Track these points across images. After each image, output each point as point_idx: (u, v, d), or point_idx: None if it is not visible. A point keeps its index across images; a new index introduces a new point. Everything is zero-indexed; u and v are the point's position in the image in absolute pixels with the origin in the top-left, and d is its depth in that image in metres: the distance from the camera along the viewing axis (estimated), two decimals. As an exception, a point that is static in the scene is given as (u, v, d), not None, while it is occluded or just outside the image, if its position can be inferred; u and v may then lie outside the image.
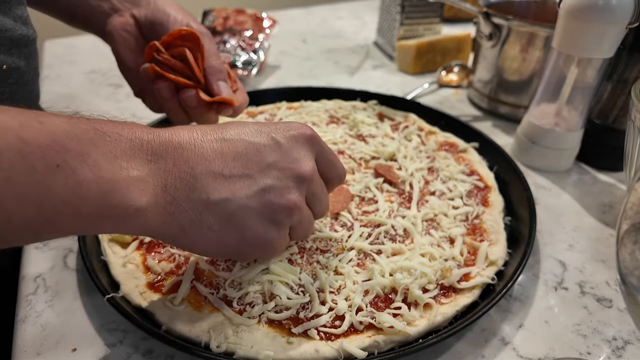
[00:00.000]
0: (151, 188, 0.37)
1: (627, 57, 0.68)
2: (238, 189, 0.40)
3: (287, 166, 0.43)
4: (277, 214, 0.42)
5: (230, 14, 1.13)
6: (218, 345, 0.44)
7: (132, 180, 0.36)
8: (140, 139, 0.38)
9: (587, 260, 0.60)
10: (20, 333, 0.48)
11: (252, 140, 0.42)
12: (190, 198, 0.39)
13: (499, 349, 0.48)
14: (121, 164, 0.36)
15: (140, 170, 0.37)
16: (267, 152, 0.42)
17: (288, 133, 0.44)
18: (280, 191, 0.42)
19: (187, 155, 0.39)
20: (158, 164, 0.38)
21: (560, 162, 0.76)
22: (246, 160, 0.41)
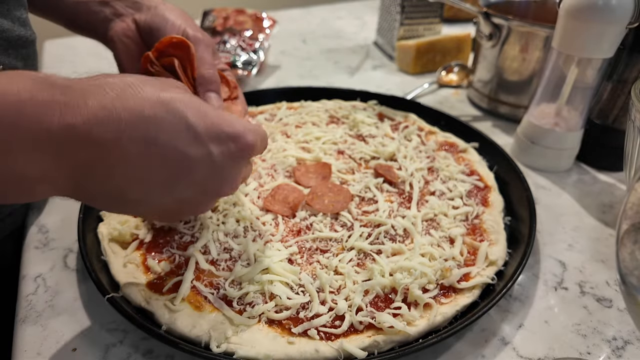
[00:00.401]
0: (55, 182, 0.34)
1: (627, 57, 0.68)
2: (155, 195, 0.39)
3: (212, 186, 0.42)
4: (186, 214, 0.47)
5: (230, 14, 1.13)
6: (218, 345, 0.44)
7: (27, 178, 0.32)
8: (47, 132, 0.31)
9: (587, 260, 0.60)
10: (20, 333, 0.48)
11: (186, 152, 0.38)
12: (102, 191, 0.37)
13: (499, 348, 0.48)
14: (16, 159, 0.31)
15: (42, 165, 0.32)
16: (197, 168, 0.39)
17: (229, 148, 0.40)
18: (194, 206, 0.43)
19: (105, 154, 0.34)
20: (67, 159, 0.33)
21: (560, 162, 0.77)
22: (171, 172, 0.38)
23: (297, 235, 0.57)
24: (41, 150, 0.32)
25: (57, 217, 0.63)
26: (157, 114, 0.36)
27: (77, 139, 0.33)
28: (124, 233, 0.55)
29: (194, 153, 0.38)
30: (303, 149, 0.74)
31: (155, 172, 0.37)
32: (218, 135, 0.39)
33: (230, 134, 0.40)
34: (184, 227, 0.57)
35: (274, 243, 0.55)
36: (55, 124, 0.32)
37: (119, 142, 0.34)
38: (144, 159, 0.36)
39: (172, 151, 0.37)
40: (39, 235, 0.60)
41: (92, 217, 0.58)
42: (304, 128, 0.79)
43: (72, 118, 0.32)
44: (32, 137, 0.31)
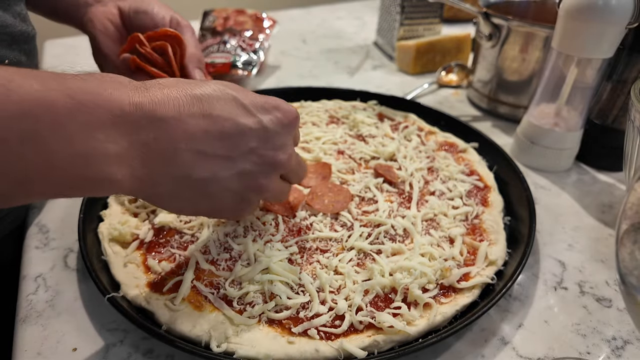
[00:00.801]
0: (129, 162, 0.36)
1: (627, 57, 0.69)
2: (219, 169, 0.41)
3: (267, 153, 0.44)
4: (250, 194, 0.45)
5: (231, 14, 1.13)
6: (218, 345, 0.44)
7: (109, 155, 0.35)
8: (121, 110, 0.35)
9: (586, 260, 0.60)
10: (20, 333, 0.48)
11: (240, 121, 0.41)
12: (169, 173, 0.39)
13: (498, 348, 0.48)
14: (97, 137, 0.34)
15: (119, 144, 0.35)
16: (251, 137, 0.42)
17: (277, 116, 0.44)
18: (256, 176, 0.44)
19: (170, 130, 0.38)
20: (138, 136, 0.36)
21: (559, 162, 0.77)
22: (230, 142, 0.41)
23: (297, 235, 0.57)
24: (117, 127, 0.35)
25: (57, 217, 0.63)
26: (209, 93, 0.40)
27: (145, 116, 0.36)
28: (124, 233, 0.55)
29: (246, 121, 0.42)
30: (303, 149, 0.74)
31: (216, 145, 0.40)
32: (263, 106, 0.43)
33: (274, 105, 0.44)
34: (184, 226, 0.57)
35: (274, 243, 0.55)
36: (127, 103, 0.36)
37: (179, 117, 0.38)
38: (204, 132, 0.39)
39: (228, 122, 0.41)
40: (40, 235, 0.60)
41: (93, 216, 0.58)
42: (304, 128, 0.79)
43: (139, 98, 0.36)
44: (111, 115, 0.35)
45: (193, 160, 0.39)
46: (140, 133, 0.36)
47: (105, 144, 0.34)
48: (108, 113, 0.34)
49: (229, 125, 0.41)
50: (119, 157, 0.36)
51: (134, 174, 0.37)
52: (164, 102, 0.38)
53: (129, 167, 0.36)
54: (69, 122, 0.32)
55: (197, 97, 0.39)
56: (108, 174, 0.35)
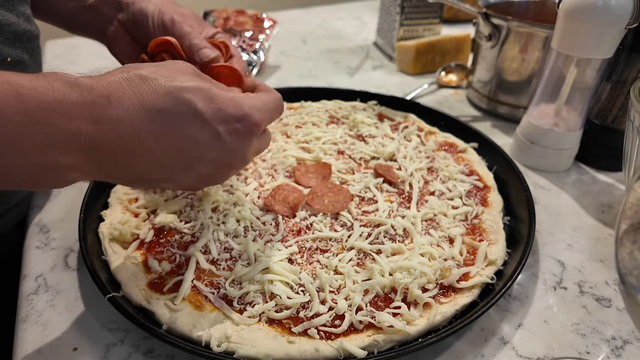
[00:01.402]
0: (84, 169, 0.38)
1: (626, 57, 0.69)
2: (176, 175, 0.44)
3: (224, 161, 0.46)
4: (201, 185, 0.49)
5: (231, 14, 1.13)
6: (218, 345, 0.44)
7: (62, 166, 0.36)
8: (78, 131, 0.36)
9: (586, 260, 0.60)
10: (21, 332, 0.48)
11: (197, 136, 0.42)
12: (125, 175, 0.42)
13: (498, 348, 0.49)
14: (51, 153, 0.35)
15: (74, 157, 0.37)
16: (207, 149, 0.43)
17: (235, 127, 0.44)
18: (212, 178, 0.48)
19: (127, 148, 0.39)
20: (94, 153, 0.37)
21: (559, 162, 0.77)
22: (187, 155, 0.43)
23: (297, 235, 0.57)
24: (74, 144, 0.36)
25: (58, 216, 0.64)
26: (169, 107, 0.40)
27: (104, 134, 0.37)
28: (124, 233, 0.55)
29: (203, 136, 0.42)
30: (303, 149, 0.74)
31: (172, 157, 0.42)
32: (225, 118, 0.43)
33: (236, 116, 0.44)
34: (185, 226, 0.57)
35: (274, 243, 0.55)
36: (85, 121, 0.36)
37: (138, 135, 0.39)
38: (161, 148, 0.41)
39: (185, 138, 0.42)
40: (40, 235, 0.60)
41: (93, 216, 0.58)
42: (304, 128, 0.79)
43: (99, 116, 0.37)
44: (67, 134, 0.35)
45: (149, 168, 0.42)
46: (97, 149, 0.37)
47: (59, 158, 0.36)
48: (63, 132, 0.35)
49: (186, 141, 0.42)
50: (73, 167, 0.37)
51: (89, 176, 0.40)
52: (124, 121, 0.38)
53: (84, 172, 0.39)
54: (22, 139, 0.33)
55: (157, 113, 0.40)
56: (62, 177, 0.38)
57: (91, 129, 0.36)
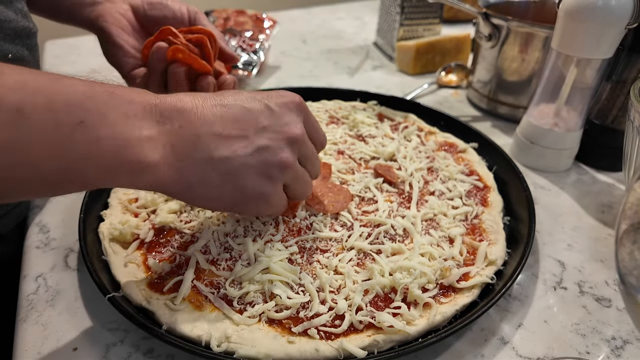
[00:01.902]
0: (161, 146, 0.41)
1: (626, 57, 0.69)
2: (237, 148, 0.45)
3: (279, 129, 0.47)
4: (272, 170, 0.47)
5: (231, 14, 1.13)
6: (218, 345, 0.44)
7: (144, 138, 0.40)
8: (150, 103, 0.41)
9: (586, 260, 0.60)
10: (21, 333, 0.48)
11: (248, 106, 0.46)
12: (194, 157, 0.43)
13: (498, 348, 0.49)
14: (134, 124, 0.39)
15: (151, 130, 0.40)
16: (261, 116, 0.47)
17: (280, 100, 0.48)
18: (274, 151, 0.47)
19: (190, 118, 0.43)
20: (166, 125, 0.42)
21: (559, 162, 0.77)
22: (243, 123, 0.45)
23: (297, 235, 0.57)
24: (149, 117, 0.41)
25: (58, 216, 0.64)
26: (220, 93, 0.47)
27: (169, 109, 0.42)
28: (124, 233, 0.55)
29: (254, 106, 0.47)
30: (303, 149, 0.74)
31: (230, 126, 0.45)
32: (267, 94, 0.49)
33: (277, 93, 0.50)
34: (185, 226, 0.57)
35: (274, 243, 0.55)
36: (153, 100, 0.42)
37: (197, 108, 0.44)
38: (219, 118, 0.44)
39: (239, 108, 0.46)
40: (40, 235, 0.61)
41: (93, 216, 0.58)
42: (304, 128, 0.79)
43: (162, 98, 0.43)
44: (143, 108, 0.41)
45: (213, 142, 0.44)
46: (167, 122, 0.42)
47: (140, 130, 0.40)
48: (141, 106, 0.40)
49: (239, 110, 0.46)
50: (151, 140, 0.40)
51: (165, 160, 0.41)
52: (183, 100, 0.44)
53: (161, 151, 0.41)
54: (111, 112, 0.38)
55: (211, 95, 0.46)
56: (144, 156, 0.40)
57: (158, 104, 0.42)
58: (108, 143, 0.37)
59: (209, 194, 0.45)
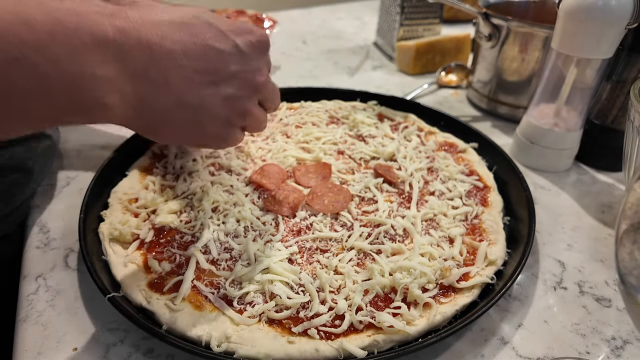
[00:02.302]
0: (119, 87, 0.37)
1: (626, 57, 0.69)
2: (205, 95, 0.44)
3: (247, 76, 0.47)
4: (235, 118, 0.48)
5: (231, 14, 1.13)
6: (218, 345, 0.44)
7: (97, 78, 0.35)
8: (104, 33, 0.35)
9: (586, 260, 0.60)
10: (21, 332, 0.48)
11: (218, 46, 0.44)
12: (159, 101, 0.41)
13: (498, 348, 0.49)
14: (84, 59, 0.34)
15: (106, 69, 0.36)
16: (231, 60, 0.45)
17: (249, 39, 0.47)
18: (241, 100, 0.47)
19: (157, 58, 0.39)
20: (126, 65, 0.37)
21: (559, 162, 0.77)
22: (213, 67, 0.44)
23: (297, 235, 0.57)
24: (103, 50, 0.35)
25: (58, 217, 0.64)
26: (192, 22, 0.42)
27: (129, 41, 0.37)
28: (124, 233, 0.55)
29: (224, 46, 0.44)
30: (303, 149, 0.74)
31: (200, 71, 0.42)
32: (237, 29, 0.46)
33: (246, 29, 0.47)
34: (185, 226, 0.57)
35: (274, 243, 0.55)
36: (109, 28, 0.36)
37: (164, 43, 0.39)
38: (190, 60, 0.41)
39: (208, 48, 0.43)
40: (40, 235, 0.60)
41: (93, 216, 0.58)
42: (304, 128, 0.79)
43: (121, 23, 0.37)
44: (93, 39, 0.35)
45: (183, 87, 0.41)
46: (127, 60, 0.37)
47: (92, 67, 0.35)
48: (90, 35, 0.34)
49: (210, 51, 0.43)
50: (109, 82, 0.36)
51: (126, 101, 0.38)
52: (146, 26, 0.38)
53: (119, 93, 0.37)
54: (51, 43, 0.32)
55: (179, 24, 0.41)
56: (100, 98, 0.36)
57: (117, 34, 0.36)
58: (53, 82, 0.33)
59: (169, 133, 0.45)
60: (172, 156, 0.69)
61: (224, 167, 0.68)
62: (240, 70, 0.46)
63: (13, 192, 0.62)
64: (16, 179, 0.61)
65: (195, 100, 0.43)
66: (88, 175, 0.71)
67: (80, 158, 0.75)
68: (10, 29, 0.30)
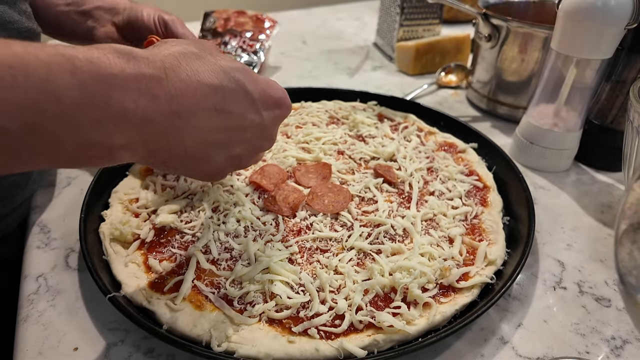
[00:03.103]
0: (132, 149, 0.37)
1: (626, 57, 0.69)
2: (214, 153, 0.44)
3: (258, 144, 0.48)
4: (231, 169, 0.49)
5: (231, 15, 1.13)
6: (219, 344, 0.44)
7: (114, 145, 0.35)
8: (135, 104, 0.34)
9: (585, 260, 0.60)
10: (22, 332, 0.48)
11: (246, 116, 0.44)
12: (169, 151, 0.41)
13: (498, 348, 0.49)
14: (106, 129, 0.33)
15: (126, 135, 0.35)
16: (250, 129, 0.45)
17: (276, 113, 0.47)
18: (241, 159, 0.48)
19: (182, 125, 0.39)
20: (145, 130, 0.36)
21: (559, 162, 0.77)
22: (231, 134, 0.44)
23: (298, 235, 0.57)
24: (129, 121, 0.35)
25: (58, 217, 0.64)
26: (222, 84, 0.41)
27: (160, 110, 0.36)
28: (125, 233, 0.55)
29: (252, 117, 0.44)
30: (303, 149, 0.74)
31: (218, 135, 0.43)
32: (267, 101, 0.46)
33: (277, 100, 0.47)
34: (185, 226, 0.57)
35: (274, 243, 0.55)
36: (143, 96, 0.35)
37: (194, 112, 0.39)
38: (212, 124, 0.41)
39: (236, 117, 0.43)
40: (41, 235, 0.61)
41: (94, 216, 0.58)
42: (304, 128, 0.79)
43: (157, 90, 0.36)
44: (123, 109, 0.34)
45: (195, 145, 0.42)
46: (147, 127, 0.36)
47: (113, 135, 0.34)
48: (120, 107, 0.33)
49: (236, 121, 0.43)
50: (124, 146, 0.36)
51: (136, 156, 0.39)
52: (182, 95, 0.38)
53: (131, 151, 0.37)
54: (76, 115, 0.32)
55: (213, 89, 0.40)
56: (112, 157, 0.36)
57: (149, 104, 0.35)
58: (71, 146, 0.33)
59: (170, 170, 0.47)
60: (173, 156, 0.69)
61: (224, 167, 0.69)
62: (254, 138, 0.46)
63: (12, 193, 0.62)
64: (15, 180, 0.62)
65: (201, 155, 0.43)
66: (88, 176, 0.71)
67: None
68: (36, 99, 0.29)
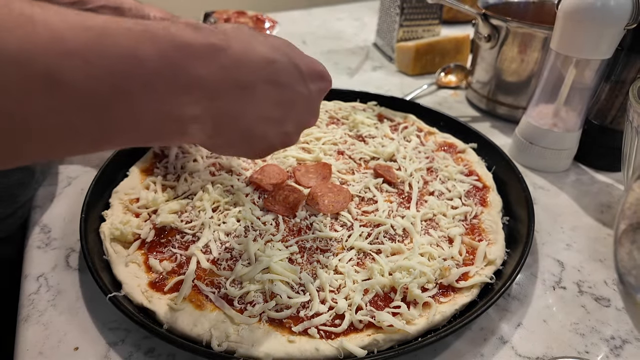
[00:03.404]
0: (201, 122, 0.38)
1: (625, 57, 0.69)
2: (270, 131, 0.45)
3: (306, 119, 0.49)
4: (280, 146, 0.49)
5: (231, 15, 1.13)
6: (219, 344, 0.44)
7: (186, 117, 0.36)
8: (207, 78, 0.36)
9: (585, 260, 0.60)
10: (22, 332, 0.48)
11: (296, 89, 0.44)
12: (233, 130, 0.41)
13: (497, 347, 0.49)
14: (179, 100, 0.35)
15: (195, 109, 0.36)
16: (301, 104, 0.46)
17: (320, 87, 0.48)
18: (293, 136, 0.48)
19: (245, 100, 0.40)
20: (214, 104, 0.37)
21: (558, 162, 0.77)
22: (286, 109, 0.44)
23: (298, 234, 0.58)
24: (202, 91, 0.36)
25: (59, 216, 0.64)
26: (277, 58, 0.42)
27: (226, 84, 0.37)
28: (125, 232, 0.55)
29: (302, 90, 0.45)
30: (303, 149, 0.74)
31: (275, 111, 0.43)
32: (313, 73, 0.46)
33: (320, 73, 0.47)
34: (186, 226, 0.57)
35: (274, 243, 0.55)
36: (213, 64, 0.36)
37: (254, 83, 0.40)
38: (269, 99, 0.42)
39: (288, 90, 0.43)
40: (41, 235, 0.61)
41: (94, 216, 0.58)
42: (304, 129, 0.79)
43: (224, 59, 0.37)
44: (197, 77, 0.35)
45: (255, 122, 0.42)
46: (217, 101, 0.37)
47: (183, 107, 0.35)
48: (194, 78, 0.35)
49: (288, 94, 0.44)
50: (195, 118, 0.37)
51: (204, 131, 0.39)
52: (244, 66, 0.39)
53: (200, 125, 0.38)
54: (157, 82, 0.32)
55: (269, 63, 0.41)
56: (183, 132, 0.37)
57: (218, 72, 0.36)
58: (148, 118, 0.34)
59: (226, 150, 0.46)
60: (173, 156, 0.69)
61: (225, 167, 0.69)
62: (302, 112, 0.47)
63: (16, 192, 0.62)
64: (19, 179, 0.62)
65: (259, 134, 0.44)
66: (89, 176, 0.71)
67: (82, 158, 0.75)
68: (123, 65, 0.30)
